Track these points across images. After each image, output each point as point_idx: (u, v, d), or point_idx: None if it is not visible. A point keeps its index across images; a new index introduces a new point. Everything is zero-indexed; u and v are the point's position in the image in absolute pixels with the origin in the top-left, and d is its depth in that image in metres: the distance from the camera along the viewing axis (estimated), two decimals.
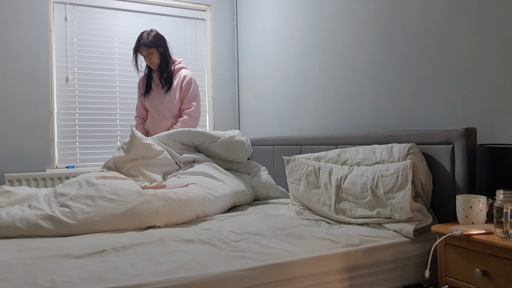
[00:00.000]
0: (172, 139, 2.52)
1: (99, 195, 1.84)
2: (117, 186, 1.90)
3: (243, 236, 1.59)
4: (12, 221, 1.69)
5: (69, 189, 1.91)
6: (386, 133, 2.01)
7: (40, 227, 1.69)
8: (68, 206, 1.78)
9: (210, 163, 2.51)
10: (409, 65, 2.06)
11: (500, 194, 1.31)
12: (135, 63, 2.83)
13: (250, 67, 3.67)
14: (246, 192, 2.48)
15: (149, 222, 1.84)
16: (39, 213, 1.74)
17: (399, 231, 1.63)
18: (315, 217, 1.98)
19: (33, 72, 3.16)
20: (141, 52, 2.78)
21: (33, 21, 3.16)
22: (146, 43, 2.74)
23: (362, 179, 1.81)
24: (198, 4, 3.80)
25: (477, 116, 1.75)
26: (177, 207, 1.91)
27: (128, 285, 1.11)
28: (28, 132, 3.14)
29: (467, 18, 1.78)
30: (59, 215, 1.73)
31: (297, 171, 2.16)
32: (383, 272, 1.51)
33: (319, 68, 2.74)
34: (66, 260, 1.31)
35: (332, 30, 2.61)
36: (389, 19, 2.17)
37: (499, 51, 1.66)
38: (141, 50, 2.77)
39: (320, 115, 2.74)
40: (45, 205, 1.82)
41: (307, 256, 1.38)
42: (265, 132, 3.43)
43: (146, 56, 2.79)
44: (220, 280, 1.21)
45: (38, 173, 3.08)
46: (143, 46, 2.75)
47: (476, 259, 1.36)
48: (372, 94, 2.30)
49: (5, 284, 1.10)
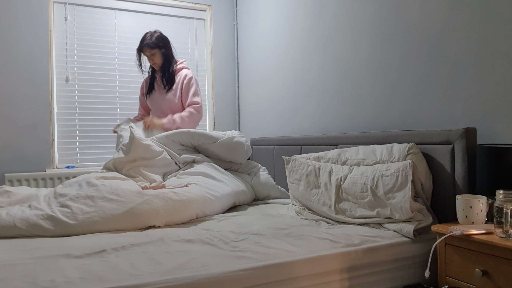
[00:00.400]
0: (171, 139, 2.53)
1: (99, 195, 1.84)
2: (117, 186, 1.90)
3: (243, 236, 1.59)
4: (12, 221, 1.69)
5: (69, 190, 1.91)
6: (386, 133, 2.01)
7: (40, 227, 1.69)
8: (68, 206, 1.78)
9: (209, 163, 2.51)
10: (409, 65, 2.06)
11: (500, 194, 1.31)
12: (139, 64, 2.86)
13: (250, 67, 3.67)
14: (246, 192, 2.48)
15: (149, 222, 1.84)
16: (39, 213, 1.74)
17: (399, 231, 1.63)
18: (315, 217, 1.98)
19: (33, 72, 3.16)
20: (144, 53, 2.81)
21: (33, 21, 3.16)
22: (149, 44, 2.77)
23: (362, 179, 1.81)
24: (198, 4, 3.80)
25: (477, 116, 1.75)
26: (177, 207, 1.91)
27: (128, 285, 1.11)
28: (28, 132, 3.14)
29: (467, 18, 1.78)
30: (59, 215, 1.73)
31: (297, 171, 2.16)
32: (383, 272, 1.51)
33: (319, 68, 2.74)
34: (66, 260, 1.31)
35: (332, 30, 2.61)
36: (389, 19, 2.17)
37: (499, 51, 1.66)
38: (144, 51, 2.80)
39: (320, 115, 2.74)
40: (45, 205, 1.82)
41: (307, 256, 1.38)
42: (265, 132, 3.43)
43: (149, 57, 2.82)
44: (220, 280, 1.21)
45: (38, 173, 3.08)
46: (146, 47, 2.78)
47: (476, 259, 1.36)
48: (372, 94, 2.30)
49: (5, 284, 1.10)
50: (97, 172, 2.16)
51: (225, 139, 2.59)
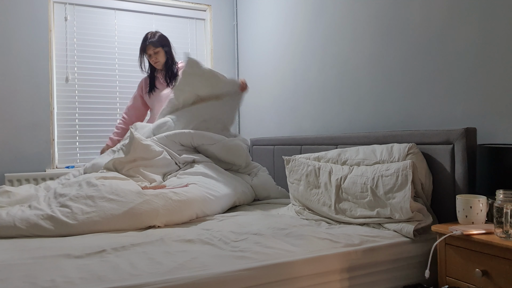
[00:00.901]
0: (171, 140, 2.53)
1: (99, 195, 1.84)
2: (117, 187, 1.90)
3: (243, 236, 1.59)
4: (12, 221, 1.69)
5: (69, 190, 1.91)
6: (386, 133, 2.01)
7: (40, 227, 1.70)
8: (68, 206, 1.78)
9: (210, 163, 2.51)
10: (409, 65, 2.06)
11: (500, 194, 1.31)
12: (140, 63, 2.89)
13: (250, 67, 3.67)
14: (246, 193, 2.48)
15: (149, 222, 1.84)
16: (39, 213, 1.74)
17: (399, 231, 1.63)
18: (315, 217, 1.98)
19: (33, 72, 3.16)
20: (147, 51, 2.83)
21: (33, 21, 3.16)
22: (154, 42, 2.81)
23: (362, 179, 1.81)
24: (198, 4, 3.80)
25: (477, 116, 1.75)
26: (177, 207, 1.91)
27: (128, 285, 1.11)
28: (28, 132, 3.14)
29: (467, 18, 1.78)
30: (59, 215, 1.73)
31: (297, 171, 2.16)
32: (383, 272, 1.51)
33: (319, 68, 2.74)
34: (66, 260, 1.31)
35: (332, 30, 2.61)
36: (389, 18, 2.17)
37: (499, 51, 1.66)
38: (147, 49, 2.82)
39: (320, 115, 2.74)
40: (45, 206, 1.82)
41: (307, 256, 1.38)
42: (265, 132, 3.43)
43: (152, 55, 2.84)
44: (220, 280, 1.21)
45: (38, 173, 3.08)
46: (150, 44, 2.81)
47: (476, 259, 1.36)
48: (372, 94, 2.30)
49: (5, 284, 1.10)
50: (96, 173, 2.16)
51: (224, 141, 2.59)
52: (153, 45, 2.81)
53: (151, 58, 2.86)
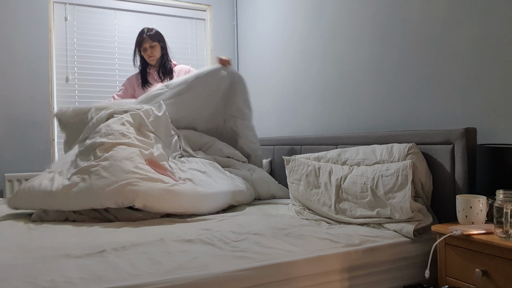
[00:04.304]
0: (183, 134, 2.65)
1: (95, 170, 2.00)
2: (114, 163, 2.01)
3: (243, 236, 1.59)
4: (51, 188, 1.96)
5: (82, 160, 2.11)
6: (386, 133, 2.01)
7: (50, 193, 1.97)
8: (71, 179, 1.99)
9: (209, 161, 2.51)
10: (409, 65, 2.06)
11: (500, 194, 1.31)
12: (134, 58, 2.89)
13: (250, 67, 3.67)
14: (244, 192, 2.46)
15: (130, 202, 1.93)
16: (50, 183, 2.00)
17: (399, 231, 1.63)
18: (315, 217, 1.98)
19: (33, 72, 3.16)
20: (144, 45, 2.83)
21: (33, 21, 3.16)
22: (151, 35, 2.82)
23: (362, 179, 1.81)
24: (198, 4, 3.80)
25: (477, 116, 1.75)
26: (160, 195, 1.95)
27: (128, 285, 1.11)
28: (28, 132, 3.14)
29: (467, 18, 1.78)
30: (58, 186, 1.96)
31: (297, 171, 2.16)
32: (383, 272, 1.51)
33: (319, 68, 2.74)
34: (66, 260, 1.31)
35: (332, 30, 2.61)
36: (389, 19, 2.17)
37: (499, 51, 1.66)
38: (144, 42, 2.82)
39: (320, 115, 2.74)
40: (60, 178, 2.04)
41: (307, 256, 1.38)
42: (265, 132, 3.43)
43: (148, 49, 2.83)
44: (220, 280, 1.21)
45: (38, 173, 3.08)
46: (148, 38, 2.81)
47: (476, 259, 1.36)
48: (372, 94, 2.30)
49: (5, 284, 1.10)
50: (120, 127, 2.23)
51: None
52: (150, 38, 2.81)
53: (146, 52, 2.83)
